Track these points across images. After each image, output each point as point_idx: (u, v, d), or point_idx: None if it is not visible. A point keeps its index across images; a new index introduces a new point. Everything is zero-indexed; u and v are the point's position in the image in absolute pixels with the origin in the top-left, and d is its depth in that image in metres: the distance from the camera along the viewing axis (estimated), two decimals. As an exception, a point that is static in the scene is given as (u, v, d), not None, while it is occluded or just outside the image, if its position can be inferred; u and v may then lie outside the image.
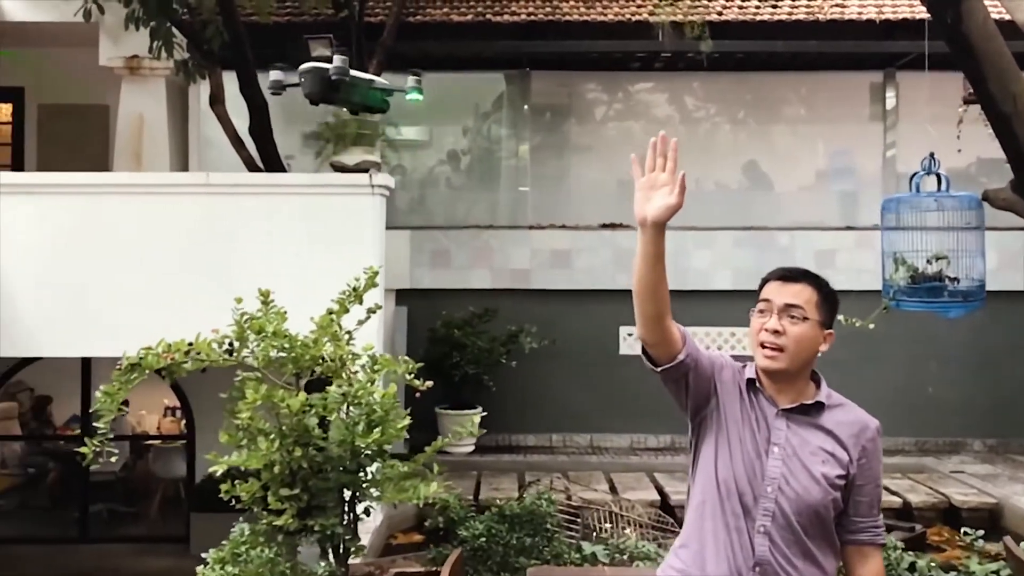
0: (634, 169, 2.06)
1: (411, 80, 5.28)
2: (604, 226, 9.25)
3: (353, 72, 4.15)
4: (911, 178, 4.07)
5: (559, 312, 9.03)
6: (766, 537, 2.15)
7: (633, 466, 8.21)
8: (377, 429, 2.90)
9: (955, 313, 3.93)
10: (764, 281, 2.34)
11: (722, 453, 2.22)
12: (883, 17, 8.69)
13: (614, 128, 10.20)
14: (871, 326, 4.11)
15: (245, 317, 3.07)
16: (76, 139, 9.55)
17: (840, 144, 9.96)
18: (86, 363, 8.70)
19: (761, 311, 2.27)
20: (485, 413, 8.25)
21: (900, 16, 8.71)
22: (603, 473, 7.96)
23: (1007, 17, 4.78)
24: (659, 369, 2.22)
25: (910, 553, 3.39)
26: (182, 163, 9.05)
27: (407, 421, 3.05)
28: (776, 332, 2.21)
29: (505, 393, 8.72)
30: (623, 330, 9.13)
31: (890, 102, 9.58)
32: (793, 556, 2.15)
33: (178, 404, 9.63)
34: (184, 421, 9.41)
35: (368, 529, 6.20)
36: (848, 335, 9.23)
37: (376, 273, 3.41)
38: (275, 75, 5.22)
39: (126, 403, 10.34)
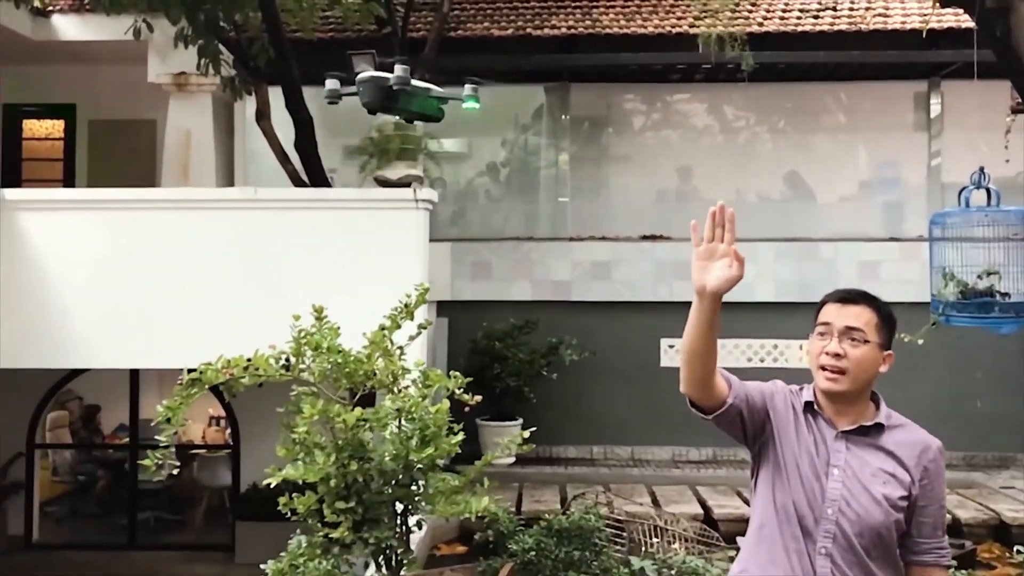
0: (692, 236, 2.06)
1: (468, 88, 5.30)
2: (644, 237, 9.25)
3: (413, 81, 4.17)
4: (960, 192, 4.04)
5: (599, 324, 9.04)
6: (828, 559, 2.16)
7: (675, 479, 8.18)
8: (430, 445, 2.95)
9: (1008, 329, 3.89)
10: (822, 303, 2.35)
11: (779, 478, 2.24)
12: (927, 26, 8.60)
13: (653, 139, 10.21)
14: (920, 341, 4.07)
15: (303, 333, 3.14)
16: (125, 154, 9.79)
17: (884, 154, 9.86)
18: (134, 373, 8.90)
19: (821, 334, 2.28)
20: (533, 428, 8.24)
21: (945, 25, 8.61)
22: (645, 486, 7.94)
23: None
24: (709, 417, 2.25)
25: (962, 572, 3.35)
26: (227, 177, 9.23)
27: (460, 437, 3.09)
28: (837, 355, 2.22)
29: (546, 405, 8.74)
30: (664, 342, 9.11)
31: (935, 111, 9.48)
32: None
33: (223, 414, 9.80)
34: (229, 431, 9.56)
35: (412, 541, 6.28)
36: (894, 349, 9.16)
37: (427, 290, 3.47)
38: (331, 84, 5.26)
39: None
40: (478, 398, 3.53)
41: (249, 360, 3.10)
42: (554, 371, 8.53)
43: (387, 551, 3.03)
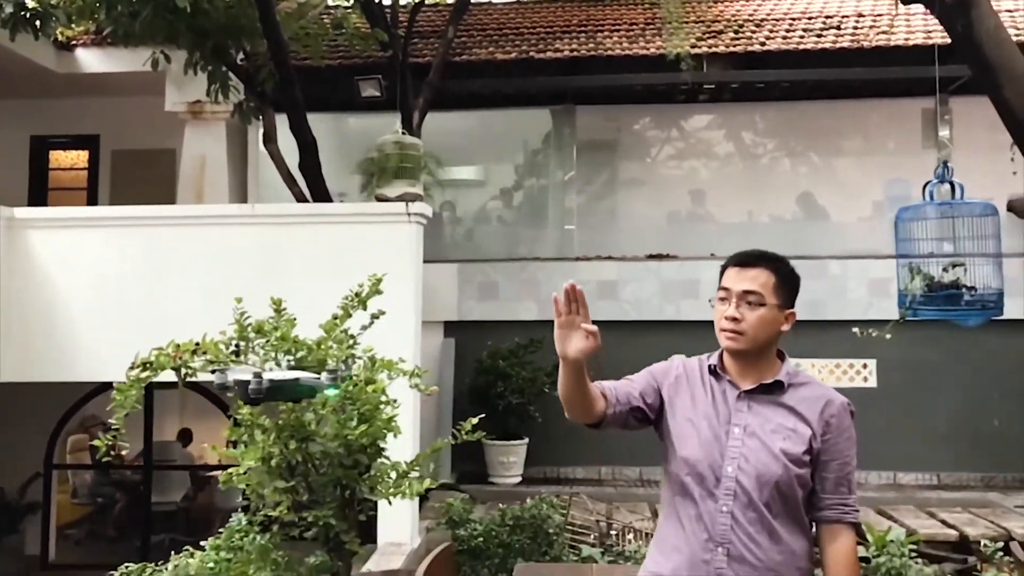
0: (555, 307, 2.16)
1: (325, 377, 5.67)
2: (651, 257, 9.26)
3: (273, 377, 4.22)
4: (924, 186, 4.02)
5: (606, 343, 8.72)
6: (729, 516, 2.18)
7: (681, 498, 8.08)
8: (367, 423, 3.00)
9: (974, 321, 3.84)
10: (724, 267, 2.39)
11: (680, 447, 2.28)
12: (931, 42, 8.57)
13: (660, 159, 10.26)
14: (887, 336, 4.03)
15: (245, 316, 3.22)
16: (146, 182, 10.08)
17: (894, 172, 9.78)
18: (148, 396, 9.07)
19: (722, 299, 2.32)
20: (527, 440, 8.31)
21: (949, 40, 8.56)
22: (648, 504, 7.87)
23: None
24: (599, 429, 2.36)
25: (917, 561, 3.29)
26: (241, 201, 9.46)
27: (396, 412, 3.13)
28: (735, 319, 2.26)
29: (552, 424, 8.71)
30: (676, 358, 9.05)
31: (943, 128, 9.40)
32: (756, 534, 2.16)
33: (238, 436, 9.93)
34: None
35: (404, 552, 6.28)
36: (909, 366, 9.03)
37: (379, 280, 3.54)
38: (218, 378, 5.50)
39: (186, 434, 10.59)
40: (434, 388, 3.57)
41: (197, 344, 3.18)
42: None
43: (329, 530, 3.07)
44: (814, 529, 2.26)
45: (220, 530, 3.06)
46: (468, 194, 10.34)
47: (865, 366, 8.92)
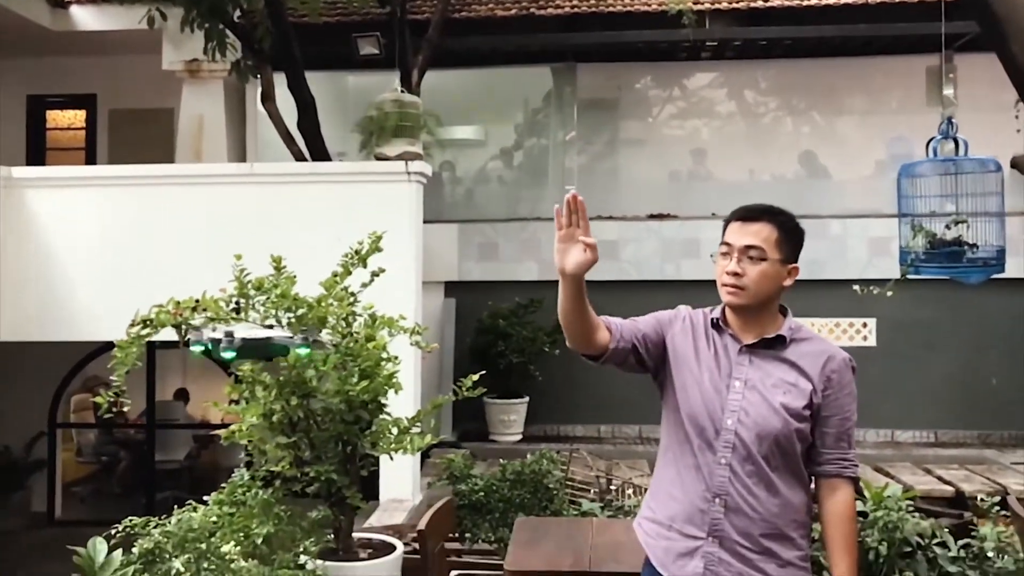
0: (556, 221, 2.14)
1: (299, 338, 5.74)
2: (652, 216, 9.24)
3: (245, 336, 4.20)
4: (928, 143, 3.99)
5: (606, 303, 8.84)
6: (727, 468, 2.19)
7: (680, 456, 8.14)
8: (368, 379, 3.01)
9: (976, 278, 3.84)
10: (727, 221, 2.37)
11: (680, 397, 2.28)
12: (937, -3, 8.45)
13: (661, 118, 10.17)
14: (889, 294, 4.03)
15: (245, 274, 3.22)
16: (144, 142, 10.00)
17: (897, 131, 9.71)
18: (151, 355, 9.10)
19: (724, 253, 2.31)
20: (527, 398, 8.38)
21: (955, -5, 8.44)
22: (647, 461, 7.92)
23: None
24: (598, 362, 2.31)
25: (914, 515, 3.32)
26: (239, 160, 9.39)
27: (397, 369, 3.15)
28: (736, 274, 2.25)
29: (552, 383, 8.78)
30: (674, 320, 9.08)
31: (947, 86, 9.31)
32: (754, 486, 2.17)
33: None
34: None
35: (407, 507, 6.36)
36: (908, 325, 9.04)
37: (379, 238, 3.53)
38: (194, 335, 5.53)
39: (183, 394, 10.68)
40: (434, 346, 3.57)
41: (197, 301, 3.18)
42: (558, 349, 8.55)
43: (330, 485, 3.09)
44: (813, 484, 2.27)
45: (223, 485, 3.08)
46: (468, 154, 10.28)
47: (865, 325, 8.94)
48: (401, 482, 6.24)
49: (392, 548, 3.44)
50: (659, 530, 2.27)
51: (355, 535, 3.43)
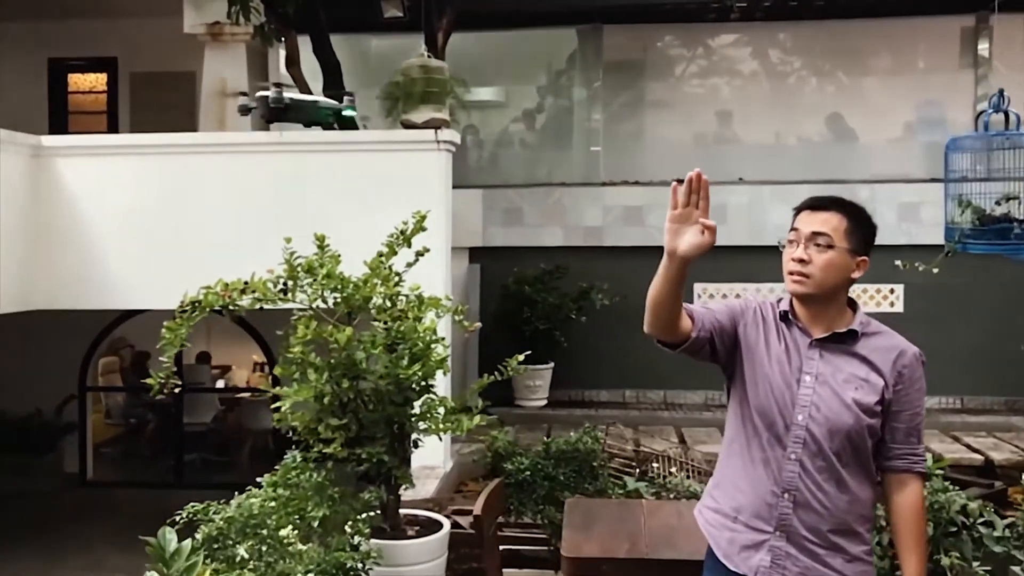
0: (671, 198, 2.06)
1: (346, 100, 5.86)
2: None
3: (295, 96, 4.38)
4: (977, 116, 3.91)
5: (632, 268, 8.92)
6: (797, 464, 2.17)
7: (706, 421, 8.18)
8: (418, 362, 3.02)
9: (1024, 256, 3.78)
10: (797, 211, 2.34)
11: (750, 390, 2.26)
12: (974, -44, 8.26)
13: (690, 82, 10.03)
14: (935, 270, 3.99)
15: (295, 256, 3.22)
16: (166, 105, 9.96)
17: (929, 93, 9.55)
18: (178, 319, 9.14)
19: (791, 241, 2.28)
20: (552, 364, 8.41)
21: (993, -46, 8.23)
22: (674, 428, 7.97)
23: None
24: (676, 350, 2.27)
25: (961, 494, 3.32)
26: (264, 126, 9.34)
27: (447, 353, 3.15)
28: (802, 261, 2.22)
29: (577, 349, 8.79)
30: (698, 287, 9.06)
31: (982, 48, 9.12)
32: (824, 482, 2.15)
33: (266, 360, 10.07)
34: (271, 376, 9.83)
35: (438, 475, 6.42)
36: (937, 289, 8.98)
37: (424, 217, 3.51)
38: (243, 100, 5.79)
39: (205, 356, 10.79)
40: (477, 325, 3.57)
41: (247, 283, 3.19)
42: (584, 316, 8.56)
43: (381, 467, 3.12)
44: (878, 477, 2.27)
45: (276, 467, 3.11)
46: (492, 117, 10.18)
47: (892, 291, 8.89)
48: (432, 450, 6.25)
49: (438, 525, 3.48)
50: (723, 521, 2.28)
51: (401, 512, 3.47)
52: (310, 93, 8.07)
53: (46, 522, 8.24)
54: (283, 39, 8.24)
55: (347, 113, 6.09)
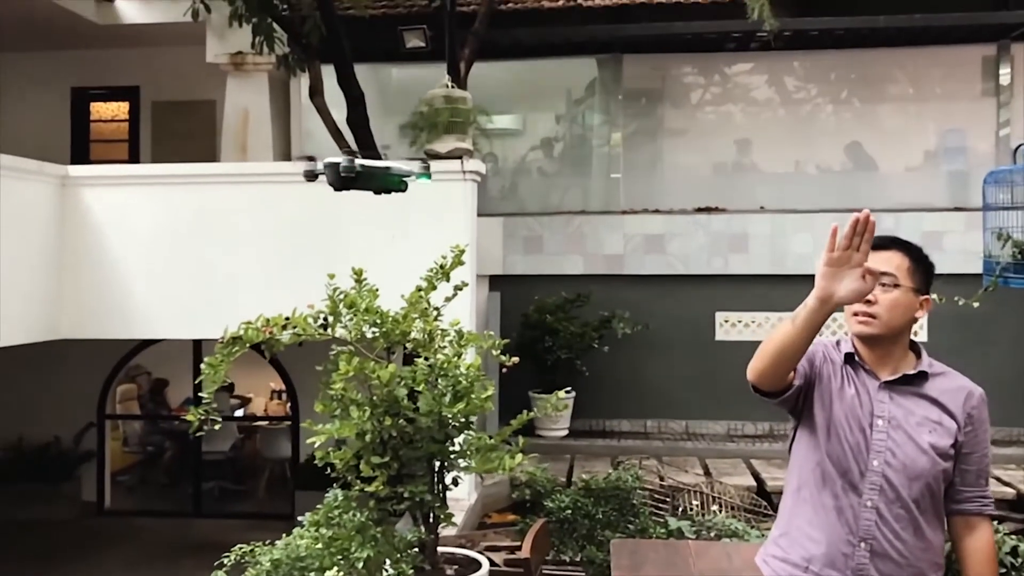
0: (829, 241, 1.93)
1: (419, 166, 5.84)
2: (699, 210, 9.13)
3: (365, 163, 4.38)
4: (1015, 150, 3.89)
5: (653, 297, 8.98)
6: (874, 511, 2.11)
7: (729, 452, 8.11)
8: (462, 400, 2.98)
9: (1066, 290, 3.73)
10: None
11: (820, 437, 2.19)
12: (995, -14, 8.27)
13: (709, 111, 10.04)
14: (975, 305, 3.95)
15: (338, 292, 3.20)
16: (187, 133, 10.04)
17: (950, 122, 9.53)
18: (197, 347, 9.16)
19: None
20: (573, 392, 8.35)
21: (1014, -16, 8.27)
22: (698, 459, 7.89)
23: None
24: (775, 400, 2.18)
25: (1013, 536, 3.25)
26: (285, 154, 9.40)
27: (491, 392, 3.12)
28: (868, 301, 2.17)
29: (599, 378, 8.75)
30: (719, 316, 9.02)
31: (1004, 76, 9.12)
32: (902, 530, 2.10)
33: (284, 387, 10.04)
34: (289, 404, 9.80)
35: (463, 507, 6.36)
36: (959, 319, 8.93)
37: (463, 251, 3.49)
38: (307, 166, 5.72)
39: (230, 387, 10.80)
40: (515, 359, 3.53)
41: (288, 319, 3.17)
42: (606, 344, 8.52)
43: (423, 506, 3.08)
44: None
45: (318, 507, 3.07)
46: (512, 145, 10.20)
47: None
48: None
49: (476, 564, 3.43)
50: (792, 571, 2.21)
51: (439, 550, 3.42)
52: (334, 123, 8.11)
53: (64, 551, 8.20)
54: (306, 69, 8.28)
55: (421, 180, 6.04)
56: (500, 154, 10.14)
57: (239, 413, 11.21)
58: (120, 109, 10.62)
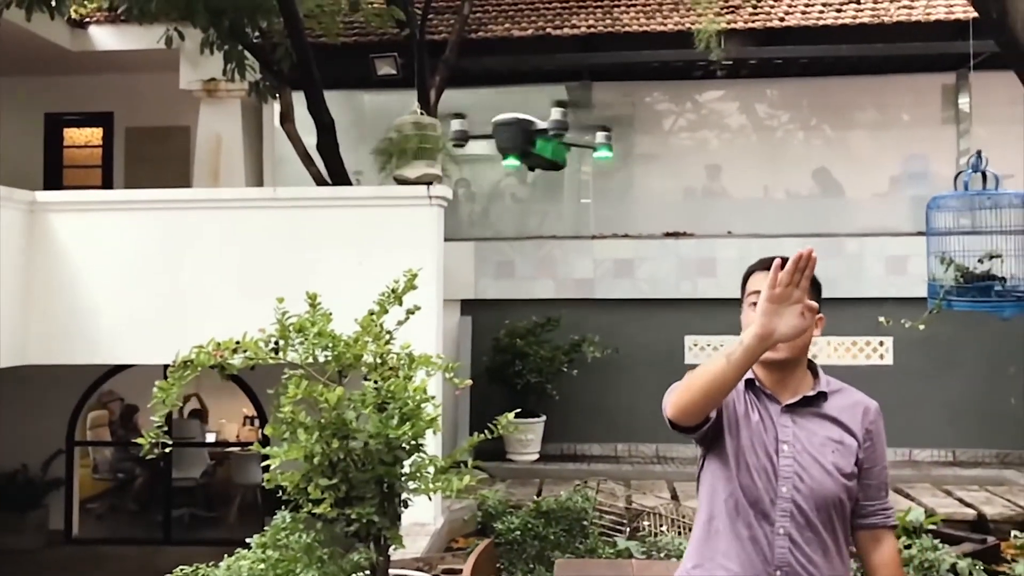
0: (771, 276, 1.88)
1: (600, 136, 5.37)
2: (667, 235, 9.25)
3: (542, 124, 4.17)
4: (956, 176, 4.00)
5: (623, 321, 9.06)
6: (786, 539, 2.11)
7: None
8: (408, 422, 3.03)
9: (1010, 312, 3.84)
10: (749, 272, 2.29)
11: (732, 465, 2.16)
12: (953, 17, 8.48)
13: (679, 137, 10.20)
14: (921, 327, 4.04)
15: (287, 316, 3.24)
16: (160, 159, 10.08)
17: (913, 148, 9.73)
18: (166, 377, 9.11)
19: (753, 303, 2.12)
20: (543, 418, 8.39)
21: (971, 15, 8.44)
22: (666, 483, 7.93)
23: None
24: (694, 434, 2.13)
25: (950, 554, 3.32)
26: (257, 180, 9.45)
27: (438, 413, 3.16)
28: None
29: (569, 402, 8.80)
30: (688, 339, 9.10)
31: (963, 104, 9.32)
32: (813, 553, 2.10)
33: (256, 414, 10.01)
34: (260, 430, 9.77)
35: (428, 532, 6.36)
36: (925, 343, 9.04)
37: (415, 275, 3.54)
38: (456, 124, 5.36)
39: (202, 411, 10.72)
40: (468, 382, 3.58)
41: (238, 343, 3.20)
42: (576, 368, 8.57)
43: (371, 527, 3.11)
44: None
45: (265, 528, 3.09)
46: (484, 171, 10.30)
47: (881, 343, 8.94)
48: (423, 507, 6.22)
49: (428, 586, 3.45)
50: None
51: (391, 572, 3.45)
52: (304, 149, 8.19)
53: (31, 581, 8.11)
54: (277, 95, 8.36)
55: (599, 155, 5.39)
56: (473, 180, 10.23)
57: (210, 437, 11.15)
58: (94, 135, 10.65)
